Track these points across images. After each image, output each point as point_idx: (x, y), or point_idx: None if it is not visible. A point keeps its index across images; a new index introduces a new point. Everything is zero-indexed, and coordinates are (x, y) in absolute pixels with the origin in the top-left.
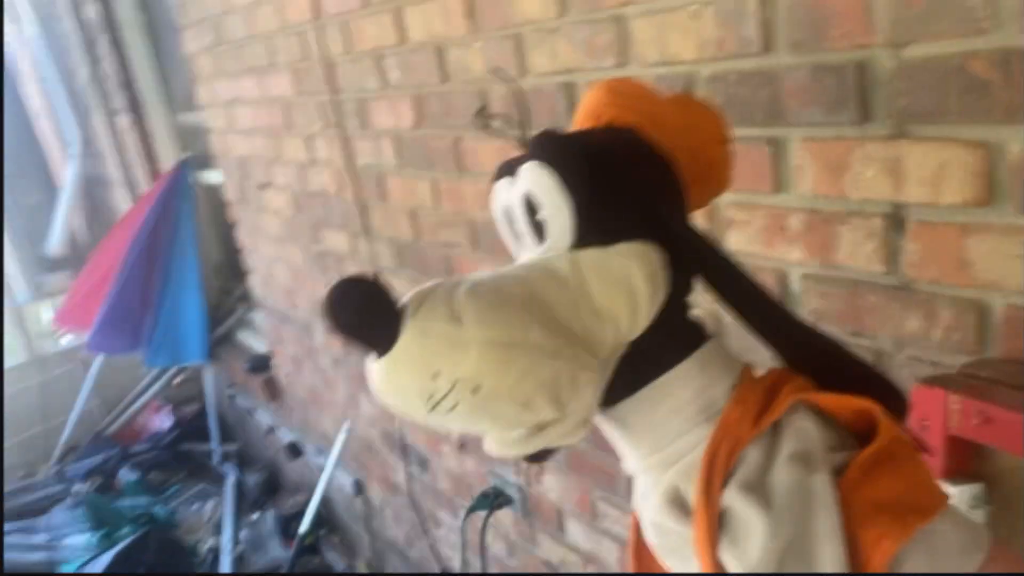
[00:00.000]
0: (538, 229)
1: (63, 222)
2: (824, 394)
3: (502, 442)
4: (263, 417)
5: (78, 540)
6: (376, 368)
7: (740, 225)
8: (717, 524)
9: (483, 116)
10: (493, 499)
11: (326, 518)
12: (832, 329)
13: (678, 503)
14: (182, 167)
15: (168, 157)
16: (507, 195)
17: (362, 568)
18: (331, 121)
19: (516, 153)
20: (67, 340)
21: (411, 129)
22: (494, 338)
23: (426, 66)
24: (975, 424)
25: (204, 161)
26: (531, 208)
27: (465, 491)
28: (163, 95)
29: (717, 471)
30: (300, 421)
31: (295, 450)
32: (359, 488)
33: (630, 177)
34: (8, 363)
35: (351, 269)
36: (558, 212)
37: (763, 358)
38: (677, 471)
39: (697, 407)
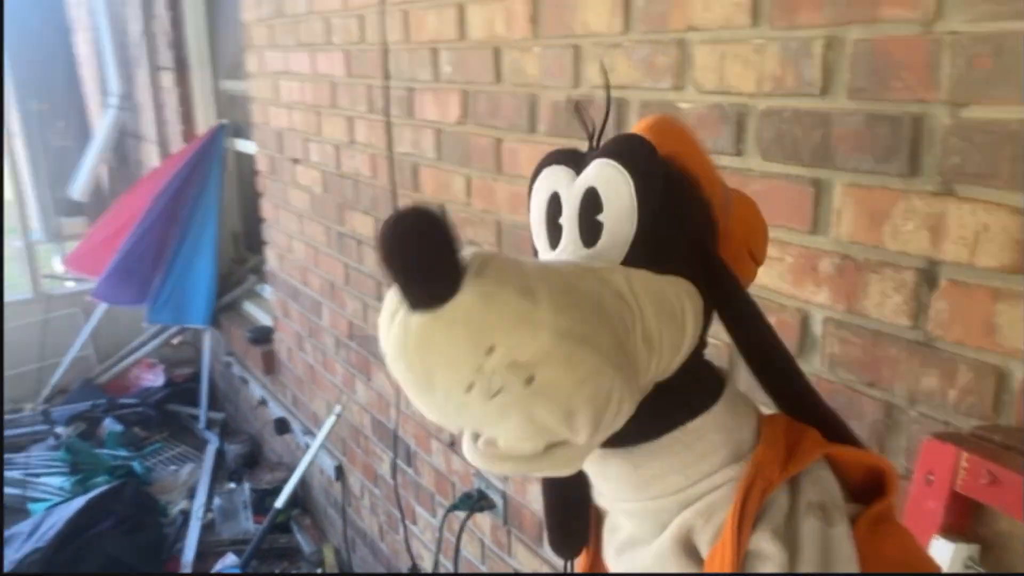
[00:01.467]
0: (589, 229)
1: (90, 168)
2: (844, 447)
3: (507, 454)
4: (255, 389)
5: (53, 481)
6: (417, 323)
7: (770, 261)
8: (742, 564)
9: (578, 109)
10: (476, 501)
11: (302, 499)
12: (847, 377)
13: (688, 548)
14: (218, 132)
15: (204, 120)
16: (562, 184)
17: (329, 553)
18: (376, 106)
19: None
20: (73, 284)
21: (454, 124)
22: (569, 329)
23: (480, 64)
24: (982, 484)
25: (240, 130)
26: (589, 205)
27: (447, 490)
28: (210, 59)
29: (750, 511)
30: (292, 398)
31: (283, 426)
32: (340, 473)
33: (690, 212)
34: (12, 297)
35: (370, 255)
36: (622, 220)
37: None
38: (695, 510)
39: (728, 450)
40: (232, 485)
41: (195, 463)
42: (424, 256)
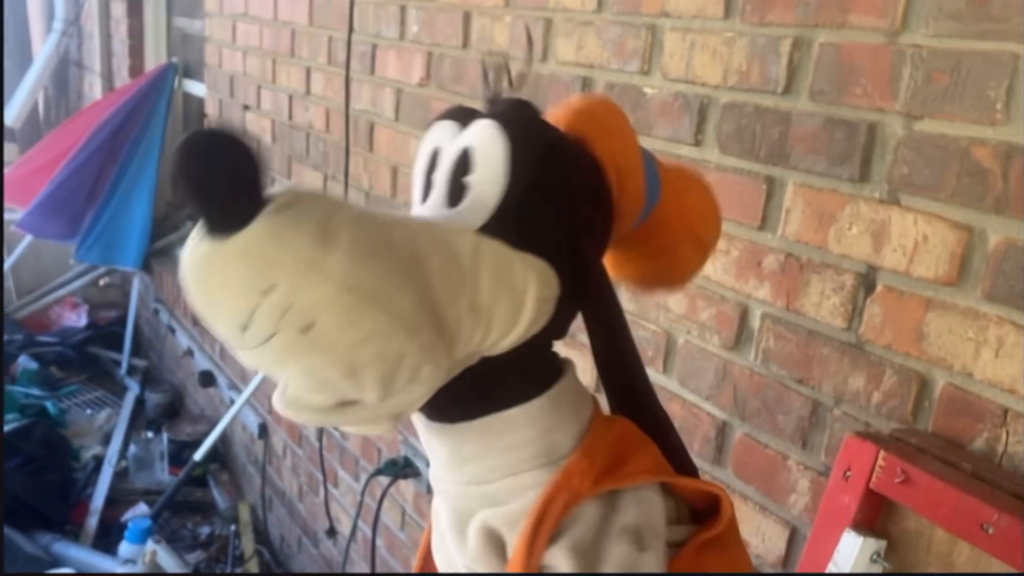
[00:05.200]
0: (456, 190)
1: (27, 94)
2: (676, 477)
3: (296, 402)
4: (182, 339)
5: None
6: (203, 248)
7: (716, 253)
8: None
9: (485, 67)
10: (400, 468)
11: (222, 454)
12: (779, 372)
13: (499, 549)
14: (167, 70)
15: (154, 57)
16: (445, 139)
17: (244, 510)
18: (337, 59)
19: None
20: None
21: (416, 86)
22: (358, 283)
23: (449, 27)
24: (896, 482)
25: (190, 70)
26: (462, 166)
27: (373, 455)
28: None
29: (548, 522)
30: (220, 351)
31: (208, 379)
32: (264, 431)
33: (574, 195)
34: None
35: None
36: (489, 186)
37: None
38: (501, 516)
39: (539, 449)
40: (150, 434)
41: (113, 409)
42: (221, 179)
